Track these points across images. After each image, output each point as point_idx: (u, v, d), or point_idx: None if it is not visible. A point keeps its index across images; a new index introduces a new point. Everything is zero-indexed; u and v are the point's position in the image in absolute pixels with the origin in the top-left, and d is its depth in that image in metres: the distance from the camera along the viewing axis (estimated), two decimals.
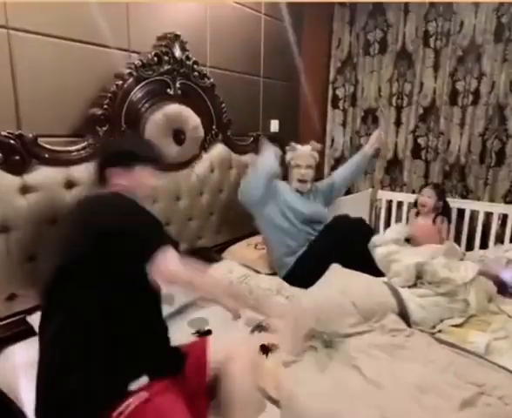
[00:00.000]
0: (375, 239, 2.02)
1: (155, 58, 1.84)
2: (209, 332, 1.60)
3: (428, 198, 2.60)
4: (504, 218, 2.63)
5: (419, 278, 1.86)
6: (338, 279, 1.80)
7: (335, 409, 1.17)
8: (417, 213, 2.74)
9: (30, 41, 1.52)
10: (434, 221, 2.62)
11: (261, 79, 2.75)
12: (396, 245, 2.01)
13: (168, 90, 1.93)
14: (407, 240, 2.38)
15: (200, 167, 2.20)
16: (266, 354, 1.48)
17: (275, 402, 1.25)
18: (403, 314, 1.67)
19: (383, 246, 1.97)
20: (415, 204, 2.79)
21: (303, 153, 2.21)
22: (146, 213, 1.12)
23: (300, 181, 2.22)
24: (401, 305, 1.69)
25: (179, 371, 1.12)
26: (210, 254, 2.21)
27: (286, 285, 1.95)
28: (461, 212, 2.78)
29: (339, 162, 3.31)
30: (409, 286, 1.83)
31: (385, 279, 1.89)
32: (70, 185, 1.59)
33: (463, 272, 1.88)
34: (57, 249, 1.11)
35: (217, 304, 1.24)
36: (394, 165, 3.10)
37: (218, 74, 2.33)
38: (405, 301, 1.70)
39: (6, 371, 1.39)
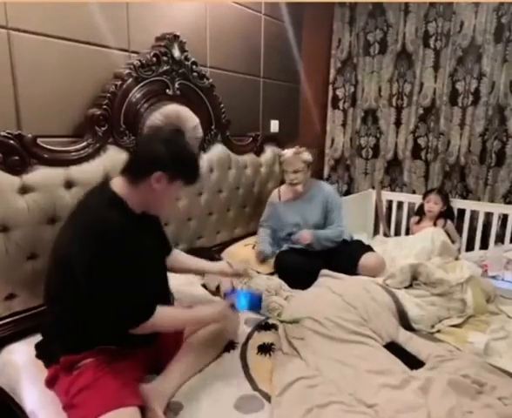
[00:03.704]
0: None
1: (154, 59, 1.84)
2: None
3: (435, 204, 2.65)
4: (504, 218, 2.64)
5: (414, 279, 1.87)
6: (334, 283, 1.81)
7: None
8: (418, 221, 2.76)
9: (30, 41, 1.52)
10: (435, 224, 2.65)
11: (261, 79, 2.75)
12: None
13: (167, 90, 1.93)
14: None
15: None
16: (267, 354, 1.48)
17: (268, 398, 1.25)
18: (400, 313, 1.67)
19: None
20: (418, 211, 2.81)
21: (287, 158, 2.25)
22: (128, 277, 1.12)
23: (291, 184, 2.28)
24: (398, 303, 1.69)
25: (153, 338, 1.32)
26: (209, 254, 2.21)
27: (285, 285, 1.96)
28: (461, 212, 2.78)
29: (339, 162, 3.32)
30: (405, 288, 1.84)
31: (379, 280, 1.89)
32: (69, 185, 1.58)
33: (459, 272, 1.88)
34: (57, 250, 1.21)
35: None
36: (394, 165, 3.11)
37: (218, 74, 2.33)
38: (401, 300, 1.71)
39: (6, 370, 1.39)
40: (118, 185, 1.22)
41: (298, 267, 2.09)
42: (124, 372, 1.17)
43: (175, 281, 1.87)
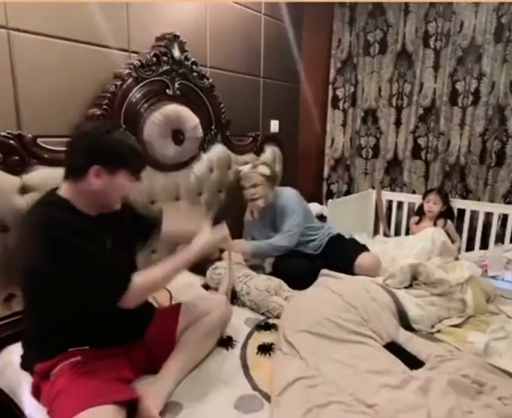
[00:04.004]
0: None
1: (154, 59, 1.84)
2: None
3: (435, 204, 2.65)
4: (504, 218, 2.63)
5: (414, 279, 1.87)
6: (333, 283, 1.81)
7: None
8: (418, 221, 2.76)
9: (30, 41, 1.52)
10: (435, 224, 2.65)
11: (261, 79, 2.75)
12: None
13: (167, 90, 1.93)
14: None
15: (199, 167, 2.20)
16: (267, 354, 1.48)
17: (268, 398, 1.25)
18: (400, 313, 1.67)
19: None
20: (418, 212, 2.81)
21: (244, 174, 2.23)
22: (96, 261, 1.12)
23: (251, 200, 2.22)
24: (398, 303, 1.69)
25: (137, 339, 1.33)
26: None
27: (284, 285, 1.96)
28: (461, 212, 2.78)
29: (339, 162, 3.32)
30: (405, 288, 1.84)
31: (379, 280, 1.89)
32: None
33: (459, 272, 1.88)
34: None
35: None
36: (394, 165, 3.10)
37: (218, 74, 2.34)
38: (401, 300, 1.71)
39: (6, 370, 1.39)
40: (64, 190, 1.19)
41: (297, 269, 2.08)
42: (102, 372, 1.14)
43: (174, 281, 1.87)
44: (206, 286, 1.99)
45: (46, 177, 1.51)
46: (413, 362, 1.40)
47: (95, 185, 1.16)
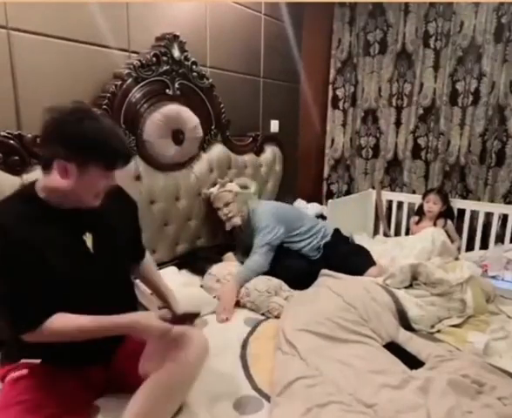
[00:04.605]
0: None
1: (154, 59, 1.85)
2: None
3: (435, 204, 2.65)
4: (504, 218, 2.63)
5: (414, 279, 1.86)
6: (333, 283, 1.81)
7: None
8: (418, 221, 2.75)
9: (30, 41, 1.53)
10: (435, 224, 2.64)
11: (261, 79, 2.75)
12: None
13: (167, 90, 1.94)
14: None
15: (199, 167, 2.20)
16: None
17: (267, 398, 1.25)
18: (400, 313, 1.67)
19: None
20: (417, 212, 2.81)
21: (214, 196, 2.20)
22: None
23: (228, 220, 2.20)
24: (398, 303, 1.69)
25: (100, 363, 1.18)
26: (209, 254, 2.21)
27: (284, 285, 1.95)
28: (461, 212, 2.77)
29: (339, 162, 3.32)
30: (405, 288, 1.84)
31: (379, 280, 1.89)
32: None
33: (459, 272, 1.88)
34: None
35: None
36: (394, 165, 3.10)
37: (218, 74, 2.34)
38: (401, 300, 1.71)
39: None
40: (40, 182, 1.07)
41: (296, 271, 2.06)
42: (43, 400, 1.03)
43: (175, 280, 1.87)
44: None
45: None
46: (413, 362, 1.40)
47: (62, 185, 1.01)
